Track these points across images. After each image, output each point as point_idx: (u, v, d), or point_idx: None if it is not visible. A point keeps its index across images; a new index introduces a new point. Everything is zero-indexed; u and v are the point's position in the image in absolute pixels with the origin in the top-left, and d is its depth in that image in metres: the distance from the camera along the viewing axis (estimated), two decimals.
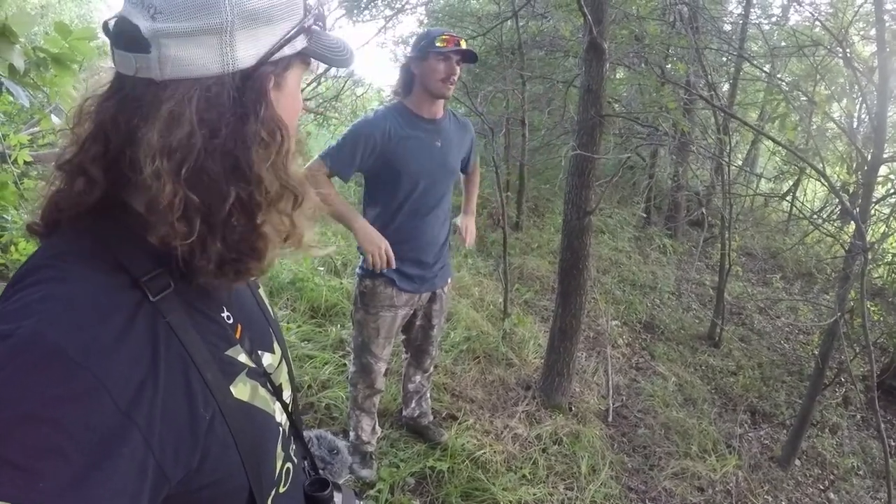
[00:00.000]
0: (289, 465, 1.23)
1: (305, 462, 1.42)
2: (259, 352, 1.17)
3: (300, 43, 1.01)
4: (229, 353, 1.06)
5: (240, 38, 0.91)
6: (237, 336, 1.11)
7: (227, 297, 1.14)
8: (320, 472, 1.47)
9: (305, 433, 1.50)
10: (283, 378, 1.26)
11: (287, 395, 1.27)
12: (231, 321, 1.11)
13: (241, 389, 1.05)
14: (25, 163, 4.01)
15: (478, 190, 4.39)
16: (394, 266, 3.53)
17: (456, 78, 3.44)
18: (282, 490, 1.19)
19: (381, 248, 3.49)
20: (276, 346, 1.27)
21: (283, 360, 1.29)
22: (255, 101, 0.94)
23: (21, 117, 7.63)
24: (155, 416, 0.84)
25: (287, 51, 0.98)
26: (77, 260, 0.91)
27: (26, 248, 4.81)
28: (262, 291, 1.38)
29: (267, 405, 1.13)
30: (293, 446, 1.29)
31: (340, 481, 1.51)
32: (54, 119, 3.27)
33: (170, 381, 0.88)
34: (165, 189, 0.88)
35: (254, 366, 1.12)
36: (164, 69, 0.89)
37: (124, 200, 0.98)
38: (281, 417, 1.20)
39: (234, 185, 0.92)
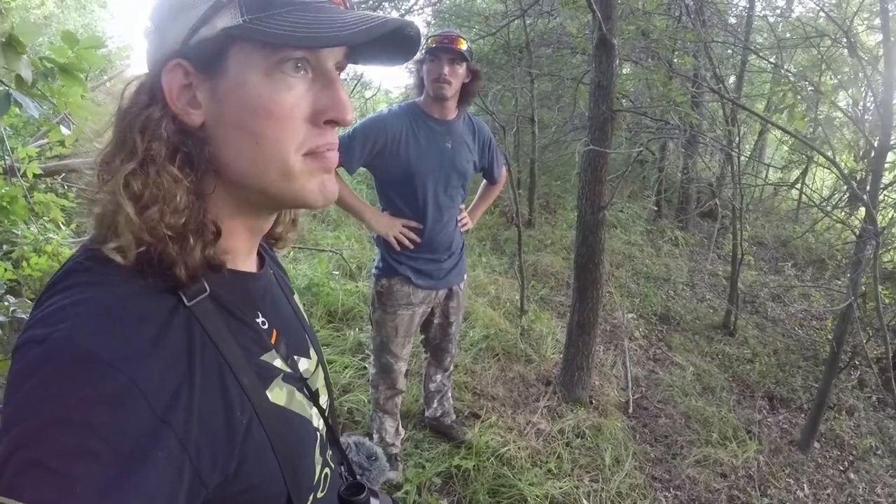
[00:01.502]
0: (327, 470, 1.24)
1: (342, 468, 1.42)
2: (295, 357, 1.17)
3: (224, 21, 0.91)
4: (264, 357, 1.06)
5: (168, 30, 0.94)
6: (272, 341, 1.10)
7: (262, 302, 1.14)
8: (358, 477, 1.45)
9: (344, 439, 1.52)
10: (319, 383, 1.27)
11: (324, 400, 1.26)
12: (266, 326, 1.10)
13: (278, 394, 1.05)
14: (34, 176, 4.01)
15: (491, 202, 4.41)
16: (418, 240, 3.64)
17: (447, 77, 3.44)
18: (320, 495, 1.20)
19: (397, 227, 3.62)
20: (311, 351, 1.27)
21: (320, 366, 1.29)
22: (150, 87, 0.96)
23: (28, 130, 7.62)
24: (191, 420, 0.83)
25: (205, 32, 0.91)
26: (111, 264, 0.89)
27: (38, 262, 4.72)
28: (297, 297, 1.38)
29: (304, 410, 1.13)
30: (330, 452, 1.30)
31: (377, 487, 1.51)
32: (63, 130, 3.24)
33: (206, 385, 0.88)
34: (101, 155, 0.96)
35: (289, 371, 1.11)
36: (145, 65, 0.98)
37: None
38: (318, 423, 1.20)
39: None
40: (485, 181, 4.28)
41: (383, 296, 3.79)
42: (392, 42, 1.02)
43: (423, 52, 3.53)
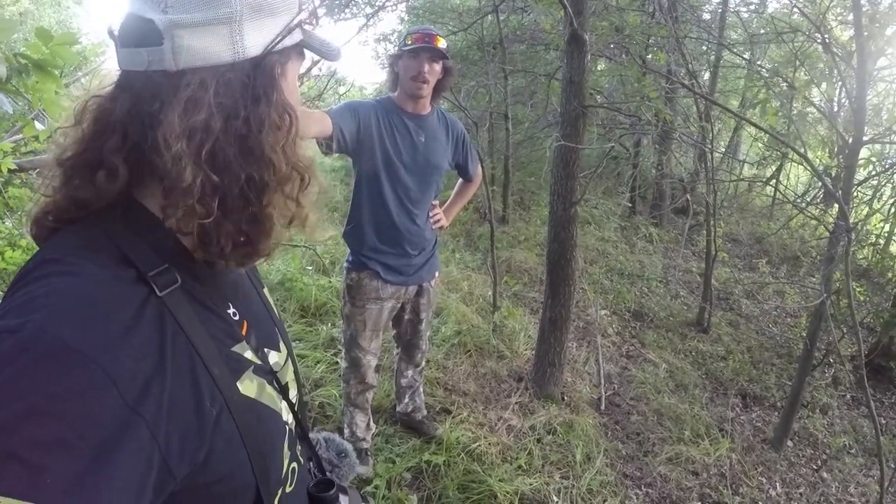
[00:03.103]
0: (294, 464, 1.23)
1: (311, 463, 1.42)
2: (265, 350, 1.18)
3: (297, 35, 1.03)
4: (235, 349, 1.06)
5: (248, 29, 0.95)
6: (243, 333, 1.12)
7: (233, 293, 1.15)
8: (327, 474, 1.46)
9: (313, 435, 1.51)
10: (289, 377, 1.26)
11: (293, 394, 1.27)
12: (237, 318, 1.12)
13: (248, 386, 1.05)
14: (9, 171, 3.96)
15: (466, 200, 4.39)
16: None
17: (426, 75, 3.44)
18: (288, 489, 1.20)
19: None
20: (281, 345, 1.27)
21: (289, 360, 1.29)
22: (267, 87, 0.98)
23: (3, 125, 7.59)
24: (162, 410, 0.84)
25: (287, 42, 1.01)
26: (83, 254, 0.90)
27: (13, 256, 4.73)
28: (266, 291, 1.39)
29: (274, 403, 1.13)
30: (299, 446, 1.30)
31: (346, 484, 1.52)
32: (37, 125, 3.22)
33: (176, 375, 0.89)
34: (186, 170, 0.91)
35: (260, 363, 1.12)
36: (179, 59, 0.92)
37: (131, 197, 1.00)
38: (287, 416, 1.20)
39: (247, 167, 0.96)
40: (460, 179, 4.26)
41: (352, 290, 3.78)
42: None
43: (400, 48, 3.51)
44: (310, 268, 7.21)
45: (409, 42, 3.43)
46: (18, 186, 5.01)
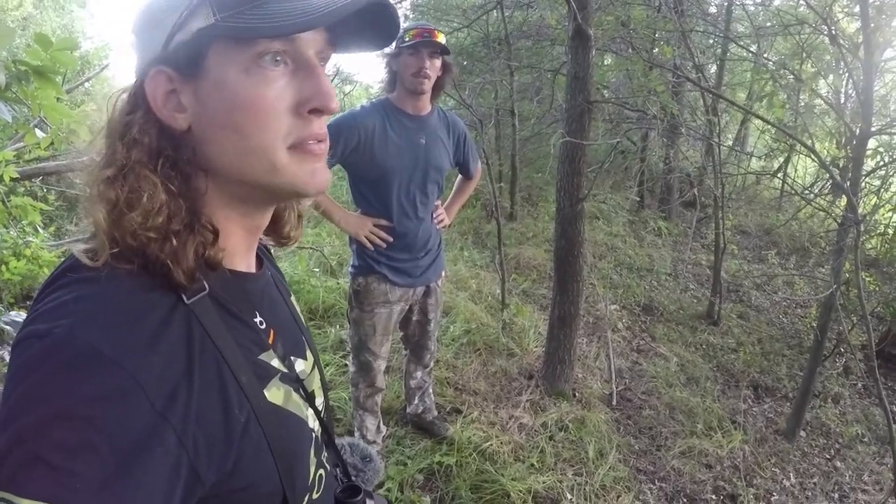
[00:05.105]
0: (321, 471, 1.24)
1: (337, 469, 1.43)
2: (291, 357, 1.17)
3: (198, 23, 0.91)
4: (262, 357, 1.06)
5: (147, 40, 0.96)
6: (270, 341, 1.11)
7: (260, 302, 1.14)
8: (353, 479, 1.47)
9: (338, 441, 1.51)
10: (315, 385, 1.26)
11: (319, 402, 1.26)
12: (264, 326, 1.11)
13: (275, 394, 1.06)
14: (12, 179, 3.95)
15: (467, 197, 4.36)
16: (390, 239, 3.61)
17: (427, 71, 3.40)
18: (315, 496, 1.19)
19: (367, 227, 3.59)
20: (308, 352, 1.27)
21: (316, 367, 1.29)
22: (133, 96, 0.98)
23: (6, 132, 7.59)
24: (189, 416, 0.84)
25: (181, 37, 0.92)
26: (112, 261, 0.90)
27: (17, 266, 4.73)
28: (293, 299, 1.39)
29: (300, 410, 1.13)
30: (325, 453, 1.29)
31: (371, 488, 1.53)
32: (38, 133, 3.20)
33: (204, 382, 0.89)
34: None
35: (286, 371, 1.12)
36: None
37: None
38: (314, 424, 1.20)
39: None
40: (460, 176, 4.24)
41: (360, 294, 3.75)
42: (369, 24, 1.02)
43: (398, 45, 3.47)
44: (317, 269, 7.21)
45: (408, 38, 3.37)
46: (21, 195, 5.00)
